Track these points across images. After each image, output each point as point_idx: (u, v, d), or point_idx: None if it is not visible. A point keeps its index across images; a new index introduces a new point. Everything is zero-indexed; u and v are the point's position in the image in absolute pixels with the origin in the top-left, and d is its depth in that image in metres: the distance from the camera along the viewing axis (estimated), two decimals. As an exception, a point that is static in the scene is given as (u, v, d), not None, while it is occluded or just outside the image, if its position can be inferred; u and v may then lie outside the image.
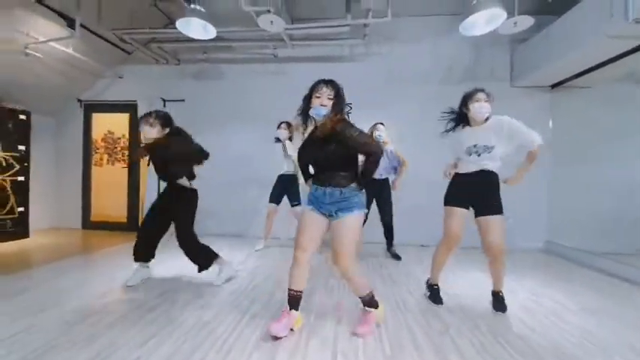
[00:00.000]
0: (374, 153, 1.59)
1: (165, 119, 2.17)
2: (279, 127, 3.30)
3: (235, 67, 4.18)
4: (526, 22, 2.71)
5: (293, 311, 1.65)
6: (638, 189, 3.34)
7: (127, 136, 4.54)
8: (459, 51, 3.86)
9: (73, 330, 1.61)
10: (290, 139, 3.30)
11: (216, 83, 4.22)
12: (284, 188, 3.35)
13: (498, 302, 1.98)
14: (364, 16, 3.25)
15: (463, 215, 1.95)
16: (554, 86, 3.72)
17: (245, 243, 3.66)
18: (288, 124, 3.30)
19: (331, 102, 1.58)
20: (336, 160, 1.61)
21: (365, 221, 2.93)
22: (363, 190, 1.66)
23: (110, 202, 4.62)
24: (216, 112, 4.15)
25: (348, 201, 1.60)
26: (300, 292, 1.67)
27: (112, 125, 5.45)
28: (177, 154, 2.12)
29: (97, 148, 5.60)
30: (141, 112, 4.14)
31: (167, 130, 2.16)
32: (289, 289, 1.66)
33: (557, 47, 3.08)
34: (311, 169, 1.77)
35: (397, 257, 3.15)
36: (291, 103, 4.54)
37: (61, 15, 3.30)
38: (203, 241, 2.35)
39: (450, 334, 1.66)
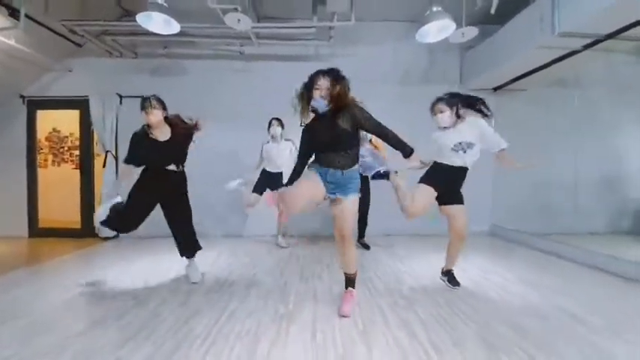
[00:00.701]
0: (389, 134, 1.73)
1: (163, 103, 2.26)
2: (270, 124, 3.32)
3: (199, 63, 4.08)
4: (472, 32, 3.04)
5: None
6: (565, 179, 3.89)
7: (77, 134, 4.19)
8: (416, 55, 4.17)
9: (37, 342, 1.52)
10: (281, 135, 3.36)
11: (178, 79, 4.09)
12: (269, 184, 3.36)
13: (453, 279, 2.25)
14: (329, 19, 3.38)
15: (432, 196, 2.12)
16: (496, 89, 4.18)
17: (213, 242, 3.62)
18: (279, 120, 3.34)
19: (329, 92, 1.64)
20: (344, 140, 1.69)
21: None
22: (358, 176, 1.79)
23: (60, 207, 4.27)
24: (178, 109, 3.99)
25: (349, 183, 1.74)
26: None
27: (57, 123, 5.02)
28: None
29: (41, 148, 5.14)
30: (93, 108, 3.89)
31: (165, 113, 2.25)
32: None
33: (498, 54, 3.49)
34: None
35: (366, 247, 3.35)
36: (257, 100, 4.59)
37: (2, 3, 2.99)
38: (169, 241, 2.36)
39: (414, 309, 1.87)
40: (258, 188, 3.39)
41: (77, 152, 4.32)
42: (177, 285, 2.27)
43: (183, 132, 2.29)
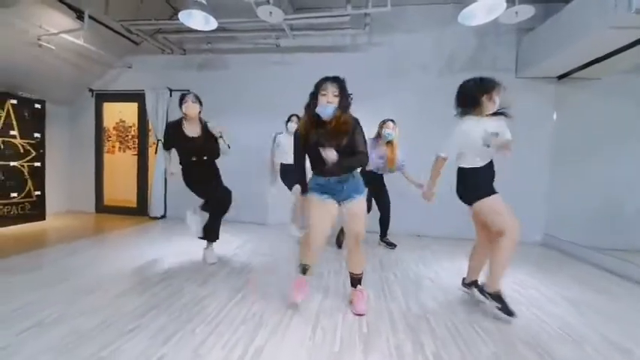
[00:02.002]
0: (361, 161, 1.72)
1: (200, 100, 2.47)
2: (289, 120, 3.37)
3: (239, 57, 4.24)
4: (527, 11, 2.66)
5: (304, 276, 1.84)
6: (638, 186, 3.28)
7: (137, 124, 4.70)
8: (462, 41, 3.80)
9: (82, 300, 1.79)
10: None
11: (220, 73, 4.30)
12: (286, 177, 3.42)
13: (501, 301, 1.76)
14: (364, 5, 3.24)
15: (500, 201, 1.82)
16: (560, 77, 3.63)
17: (244, 229, 3.80)
18: (299, 117, 3.37)
19: (337, 99, 1.63)
20: (348, 154, 1.68)
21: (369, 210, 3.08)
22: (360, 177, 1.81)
23: (121, 188, 4.85)
24: (220, 101, 4.23)
25: (355, 184, 1.76)
26: (311, 266, 1.86)
27: (123, 114, 5.67)
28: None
29: (110, 137, 5.86)
30: (149, 101, 4.29)
31: (201, 108, 2.47)
32: (301, 263, 1.85)
33: (562, 37, 3.00)
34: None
35: (392, 245, 3.22)
36: (294, 92, 4.60)
37: (71, 7, 3.43)
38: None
39: (427, 317, 1.75)
40: (288, 183, 3.42)
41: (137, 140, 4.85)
42: (202, 266, 2.44)
43: (209, 133, 2.45)
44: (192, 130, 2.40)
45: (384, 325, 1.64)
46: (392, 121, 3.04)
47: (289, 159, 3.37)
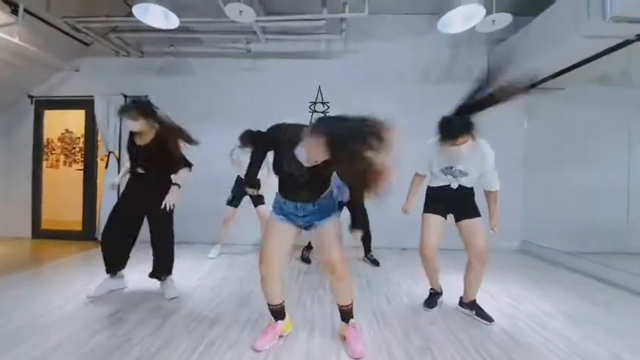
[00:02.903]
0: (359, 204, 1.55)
1: (146, 110, 1.99)
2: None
3: (205, 61, 3.91)
4: (504, 19, 2.66)
5: (279, 322, 1.57)
6: (609, 191, 3.38)
7: (84, 134, 4.13)
8: (437, 50, 3.80)
9: (12, 352, 1.38)
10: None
11: (184, 78, 3.93)
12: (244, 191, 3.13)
13: (482, 312, 1.86)
14: (341, 10, 3.10)
15: (438, 222, 1.90)
16: (529, 87, 3.72)
17: (208, 251, 3.37)
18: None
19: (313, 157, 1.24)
20: (317, 182, 1.40)
21: None
22: (333, 194, 1.52)
23: (64, 208, 4.21)
24: (183, 109, 3.81)
25: (323, 209, 1.45)
26: (279, 304, 1.55)
27: (70, 124, 5.03)
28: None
29: (54, 149, 5.17)
30: (98, 108, 3.80)
31: (150, 122, 2.00)
32: (268, 305, 1.56)
33: (534, 47, 3.07)
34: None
35: (375, 263, 3.01)
36: (266, 100, 4.35)
37: (3, 0, 2.93)
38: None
39: (431, 349, 1.52)
40: (235, 200, 3.17)
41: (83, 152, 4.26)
42: (159, 303, 2.02)
43: (165, 139, 2.01)
44: (142, 138, 2.03)
45: (384, 364, 1.38)
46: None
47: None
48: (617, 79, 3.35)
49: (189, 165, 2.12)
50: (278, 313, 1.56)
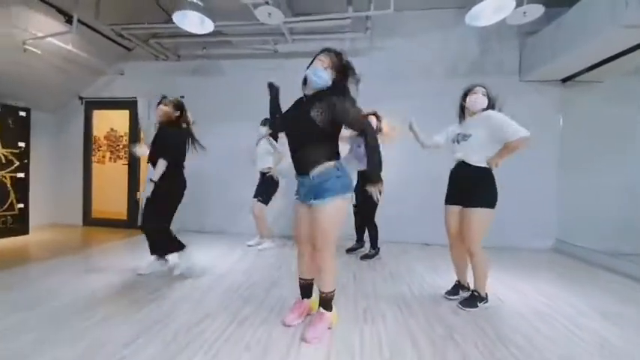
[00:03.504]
0: (369, 132, 1.41)
1: (176, 103, 2.38)
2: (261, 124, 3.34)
3: (235, 62, 4.11)
4: (536, 11, 2.58)
5: (305, 300, 1.68)
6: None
7: (128, 133, 4.50)
8: (465, 45, 3.73)
9: (63, 326, 1.56)
10: (272, 135, 3.31)
11: (216, 79, 4.16)
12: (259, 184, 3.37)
13: (470, 300, 1.91)
14: (366, 8, 3.15)
15: (455, 212, 1.96)
16: (564, 80, 3.57)
17: (241, 240, 3.57)
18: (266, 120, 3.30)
19: (334, 72, 1.44)
20: (306, 131, 1.43)
21: None
22: (344, 170, 1.49)
23: (111, 199, 4.60)
24: (215, 108, 4.08)
25: (321, 187, 1.45)
26: (307, 279, 1.67)
27: (114, 123, 5.47)
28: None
29: (100, 146, 5.64)
30: (140, 108, 4.11)
31: (178, 113, 2.38)
32: (299, 278, 1.69)
33: (568, 39, 2.94)
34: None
35: (366, 257, 3.00)
36: (292, 98, 4.49)
37: (60, 11, 3.27)
38: (200, 238, 2.31)
39: (455, 338, 1.56)
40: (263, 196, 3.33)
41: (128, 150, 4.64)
42: (197, 284, 2.21)
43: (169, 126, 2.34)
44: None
45: (407, 348, 1.45)
46: (374, 114, 2.85)
47: (257, 167, 3.31)
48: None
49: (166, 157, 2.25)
50: (304, 288, 1.68)
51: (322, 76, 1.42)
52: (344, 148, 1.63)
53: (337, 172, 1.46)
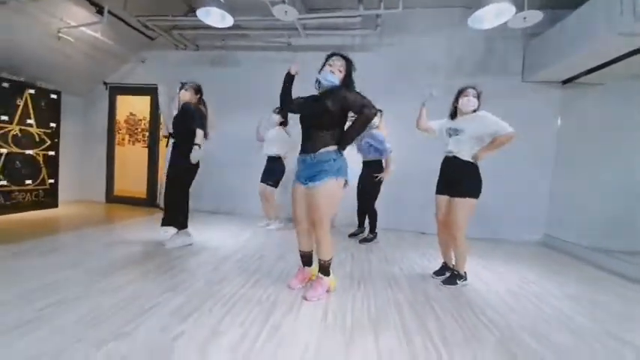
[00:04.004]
0: (365, 111, 1.66)
1: (194, 88, 2.71)
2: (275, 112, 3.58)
3: (251, 54, 4.34)
4: (535, 16, 2.73)
5: (306, 267, 1.96)
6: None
7: (148, 117, 4.80)
8: (471, 44, 3.88)
9: (101, 282, 1.86)
10: (282, 124, 3.56)
11: (232, 70, 4.40)
12: (266, 168, 3.63)
13: (449, 277, 2.20)
14: (376, 6, 3.33)
15: (443, 201, 2.18)
16: (565, 82, 3.70)
17: (253, 221, 3.88)
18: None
19: (342, 74, 1.73)
20: (321, 117, 1.71)
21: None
22: (341, 156, 1.76)
23: (132, 179, 4.95)
24: (231, 97, 4.34)
25: (319, 167, 1.72)
26: (306, 251, 1.95)
27: (134, 107, 5.78)
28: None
29: (120, 129, 5.97)
30: (161, 95, 4.38)
31: (198, 96, 2.72)
32: (299, 251, 1.97)
33: (569, 42, 3.08)
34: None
35: (365, 240, 3.26)
36: (303, 90, 4.72)
37: (91, 2, 3.53)
38: (215, 218, 2.61)
39: (433, 306, 1.82)
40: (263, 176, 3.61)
41: (147, 134, 4.95)
42: (214, 253, 2.52)
43: (187, 115, 2.61)
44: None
45: (391, 312, 1.71)
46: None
47: (267, 150, 3.55)
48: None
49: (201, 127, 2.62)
50: (304, 258, 1.96)
51: (331, 80, 1.73)
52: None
53: (334, 156, 1.74)
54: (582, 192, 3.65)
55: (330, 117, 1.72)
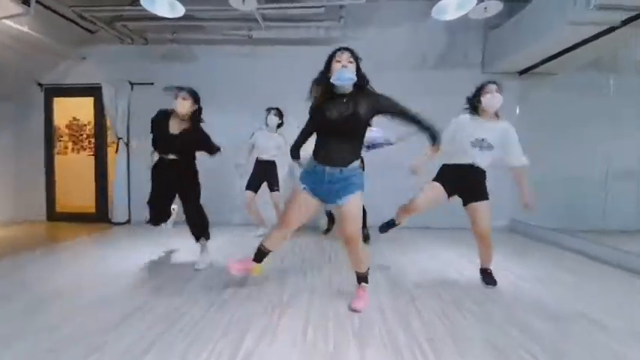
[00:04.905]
0: (417, 117, 1.59)
1: (195, 96, 2.24)
2: (269, 112, 3.25)
3: (207, 48, 4.02)
4: (495, 7, 2.77)
5: (254, 264, 1.86)
6: (597, 173, 3.54)
7: (93, 122, 4.29)
8: (433, 36, 3.90)
9: (35, 319, 1.55)
10: (279, 125, 3.28)
11: (187, 65, 4.05)
12: (264, 174, 3.30)
13: (489, 277, 2.08)
14: (339, -3, 3.20)
15: (438, 196, 2.05)
16: (521, 73, 3.85)
17: (220, 230, 3.59)
18: (278, 111, 3.26)
19: (353, 65, 1.53)
20: (351, 128, 1.54)
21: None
22: (363, 171, 1.66)
23: (77, 192, 4.41)
24: (188, 96, 3.99)
25: (347, 181, 1.58)
26: (270, 251, 1.85)
27: (77, 111, 5.17)
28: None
29: (61, 136, 5.32)
30: (106, 95, 3.94)
31: (197, 106, 2.26)
32: (261, 244, 1.84)
33: (525, 34, 3.17)
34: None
35: (366, 238, 3.18)
36: (266, 85, 4.50)
37: (13, -11, 3.03)
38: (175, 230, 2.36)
39: (416, 305, 1.74)
40: (253, 184, 3.28)
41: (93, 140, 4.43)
42: (176, 273, 2.24)
43: (195, 138, 2.29)
44: (178, 126, 2.22)
45: (375, 318, 1.60)
46: None
47: (267, 155, 3.26)
48: (606, 66, 3.46)
49: (219, 149, 2.42)
50: (262, 255, 1.84)
51: (350, 76, 1.48)
52: None
53: (359, 169, 1.62)
54: (543, 177, 3.81)
55: (361, 127, 1.59)
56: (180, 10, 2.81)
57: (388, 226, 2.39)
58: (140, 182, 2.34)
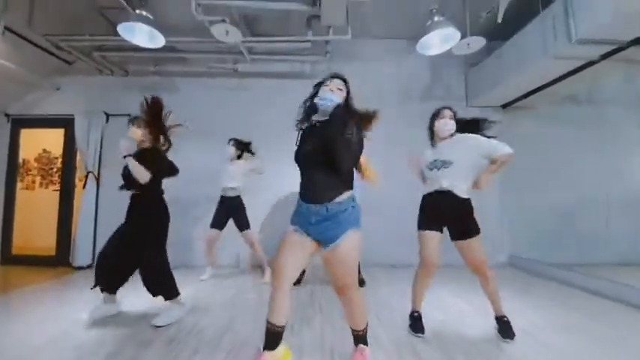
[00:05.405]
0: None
1: (144, 120, 2.17)
2: (228, 144, 3.14)
3: (191, 80, 3.93)
4: (478, 42, 2.82)
5: (266, 353, 1.34)
6: (591, 203, 3.49)
7: (62, 154, 3.99)
8: (417, 72, 3.98)
9: None
10: (239, 156, 3.13)
11: (169, 97, 3.81)
12: (226, 212, 3.06)
13: (506, 328, 1.81)
14: (325, 33, 3.22)
15: (436, 239, 1.85)
16: (504, 106, 3.92)
17: (189, 274, 3.21)
18: (235, 141, 3.14)
19: (341, 92, 1.40)
20: (331, 170, 1.29)
21: None
22: (356, 202, 1.39)
23: (40, 231, 3.98)
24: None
25: (337, 220, 1.32)
26: (280, 327, 1.35)
27: (47, 144, 4.86)
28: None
29: (29, 170, 4.94)
30: (79, 127, 3.70)
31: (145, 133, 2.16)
32: (268, 323, 1.35)
33: (506, 68, 3.24)
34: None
35: (361, 283, 2.93)
36: (252, 118, 4.37)
37: (-18, 17, 2.88)
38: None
39: (420, 355, 1.47)
40: (218, 221, 3.04)
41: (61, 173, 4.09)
42: (136, 332, 1.88)
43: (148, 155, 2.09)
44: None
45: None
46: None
47: (225, 190, 3.03)
48: (584, 99, 3.57)
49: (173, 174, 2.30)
50: (275, 335, 1.35)
51: (331, 97, 1.32)
52: None
53: (353, 203, 1.37)
54: (530, 210, 3.75)
55: (352, 152, 1.33)
56: (160, 41, 2.71)
57: (417, 323, 1.92)
58: (109, 220, 2.05)
